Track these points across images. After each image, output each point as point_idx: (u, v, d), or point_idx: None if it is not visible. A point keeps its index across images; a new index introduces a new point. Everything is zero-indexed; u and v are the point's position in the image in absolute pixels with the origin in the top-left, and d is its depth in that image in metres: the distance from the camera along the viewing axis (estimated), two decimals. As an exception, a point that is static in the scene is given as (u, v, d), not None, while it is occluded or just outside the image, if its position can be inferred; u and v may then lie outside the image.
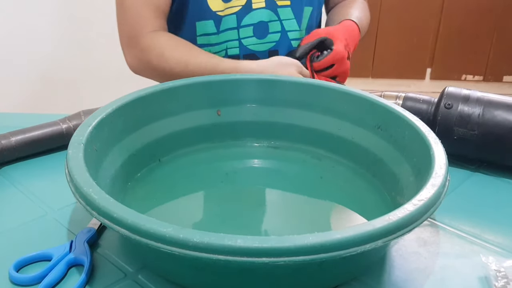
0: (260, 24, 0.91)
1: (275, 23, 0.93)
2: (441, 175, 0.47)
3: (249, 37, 0.92)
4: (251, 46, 0.92)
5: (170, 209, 0.59)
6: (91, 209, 0.43)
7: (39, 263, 0.49)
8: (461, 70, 2.64)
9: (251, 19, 0.90)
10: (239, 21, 0.90)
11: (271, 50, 0.94)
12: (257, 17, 0.91)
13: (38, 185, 0.62)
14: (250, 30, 0.91)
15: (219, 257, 0.37)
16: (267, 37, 0.93)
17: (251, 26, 0.91)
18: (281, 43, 0.94)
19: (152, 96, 0.63)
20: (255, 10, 0.90)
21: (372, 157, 0.62)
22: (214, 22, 0.88)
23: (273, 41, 0.93)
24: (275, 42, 0.94)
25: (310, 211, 0.59)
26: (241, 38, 0.91)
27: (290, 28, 0.94)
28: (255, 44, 0.92)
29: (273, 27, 0.93)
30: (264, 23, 0.91)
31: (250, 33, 0.91)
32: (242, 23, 0.90)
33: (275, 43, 0.94)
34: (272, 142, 0.70)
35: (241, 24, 0.90)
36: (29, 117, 0.80)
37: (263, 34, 0.92)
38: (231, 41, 0.91)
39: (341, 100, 0.66)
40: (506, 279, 0.47)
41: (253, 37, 0.92)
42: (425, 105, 0.70)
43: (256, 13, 0.90)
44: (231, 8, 0.89)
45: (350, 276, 0.48)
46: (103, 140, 0.56)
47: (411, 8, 2.48)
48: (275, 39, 0.93)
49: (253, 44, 0.92)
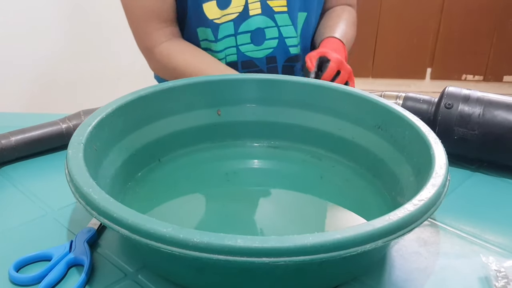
0: (257, 31, 0.91)
1: (272, 29, 0.92)
2: (441, 175, 0.47)
3: (246, 44, 0.92)
4: (248, 53, 0.92)
5: (170, 209, 0.59)
6: (91, 209, 0.43)
7: (39, 263, 0.49)
8: (461, 70, 2.64)
9: (248, 26, 0.90)
10: (236, 28, 0.90)
11: (269, 56, 0.94)
12: (254, 24, 0.91)
13: (38, 185, 0.62)
14: (248, 37, 0.91)
15: (219, 257, 0.37)
16: (264, 44, 0.93)
17: (248, 33, 0.91)
18: (278, 49, 0.94)
19: (152, 96, 0.63)
20: (252, 17, 0.90)
21: (372, 157, 0.62)
22: (211, 31, 0.89)
23: (270, 47, 0.93)
24: (272, 49, 0.94)
25: (310, 211, 0.59)
26: (238, 45, 0.91)
27: (287, 35, 0.94)
28: (253, 50, 0.92)
29: (270, 33, 0.93)
30: (261, 29, 0.91)
31: (247, 40, 0.91)
32: (239, 30, 0.90)
33: (272, 49, 0.94)
34: (272, 142, 0.70)
35: (238, 31, 0.90)
36: (29, 117, 0.80)
37: (260, 41, 0.92)
38: (229, 48, 0.91)
39: (341, 100, 0.66)
40: (506, 279, 0.47)
41: (251, 44, 0.92)
42: (425, 105, 0.70)
43: (253, 20, 0.90)
44: (228, 15, 0.89)
45: (350, 276, 0.48)
46: (103, 140, 0.56)
47: (411, 8, 2.48)
48: (273, 46, 0.93)
49: (250, 51, 0.92)
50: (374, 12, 2.49)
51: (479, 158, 0.69)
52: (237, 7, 0.89)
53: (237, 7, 0.89)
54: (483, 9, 2.49)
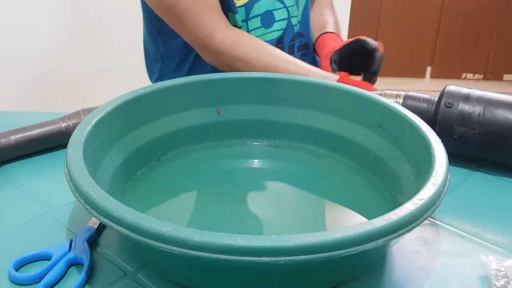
0: (266, 14, 0.91)
1: (281, 11, 0.92)
2: (441, 174, 0.47)
3: (257, 28, 0.91)
4: (260, 37, 0.92)
5: (169, 208, 0.58)
6: (91, 208, 0.43)
7: (38, 262, 0.49)
8: (462, 69, 2.64)
9: (258, 9, 0.90)
10: (248, 13, 0.90)
11: (278, 38, 0.93)
12: (263, 7, 0.90)
13: (38, 184, 0.62)
14: (258, 21, 0.91)
15: (219, 256, 0.37)
16: (274, 25, 0.92)
17: (258, 16, 0.91)
18: (287, 30, 0.94)
19: (152, 95, 0.63)
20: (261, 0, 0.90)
21: (372, 156, 0.62)
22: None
23: (280, 28, 0.93)
24: (282, 30, 0.93)
25: (310, 210, 0.59)
26: (250, 31, 0.91)
27: (293, 14, 0.94)
28: (263, 34, 0.92)
29: (279, 14, 0.92)
30: (270, 12, 0.91)
31: (258, 24, 0.91)
32: (250, 15, 0.90)
33: (282, 30, 0.93)
34: (272, 141, 0.70)
35: (249, 16, 0.90)
36: (29, 116, 0.79)
37: (270, 23, 0.92)
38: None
39: (341, 98, 0.66)
40: (507, 279, 0.47)
41: (261, 28, 0.91)
42: (426, 104, 0.70)
43: (261, 3, 0.90)
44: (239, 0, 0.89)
45: (351, 276, 0.48)
46: (102, 139, 0.55)
47: (411, 7, 2.48)
48: (283, 27, 0.93)
49: (261, 35, 0.92)
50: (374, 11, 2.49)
51: (479, 157, 0.69)
52: None
53: None
54: (483, 7, 2.49)
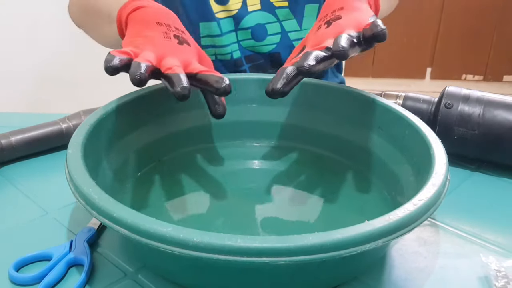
0: (257, 27, 0.91)
1: (274, 25, 0.92)
2: (441, 175, 0.47)
3: (247, 40, 0.91)
4: (250, 48, 0.92)
5: (170, 208, 0.58)
6: (91, 209, 0.43)
7: (39, 263, 0.49)
8: (461, 70, 2.64)
9: (248, 22, 0.90)
10: (236, 24, 0.90)
11: (272, 52, 0.93)
12: (254, 20, 0.90)
13: (38, 185, 0.62)
14: (248, 33, 0.91)
15: (219, 257, 0.37)
16: (266, 39, 0.92)
17: (249, 29, 0.91)
18: (281, 44, 0.93)
19: (152, 96, 0.63)
20: (251, 13, 0.90)
21: (372, 157, 0.62)
22: (217, 24, 0.88)
23: (273, 43, 0.93)
24: (275, 44, 0.93)
25: (310, 211, 0.59)
26: (239, 41, 0.91)
27: (290, 29, 0.93)
28: (255, 46, 0.92)
29: (272, 28, 0.92)
30: (262, 25, 0.91)
31: (248, 35, 0.91)
32: (240, 26, 0.90)
33: (275, 45, 0.93)
34: (272, 142, 0.70)
35: (238, 27, 0.90)
36: (29, 117, 0.80)
37: (262, 37, 0.92)
38: (232, 44, 0.91)
39: (341, 99, 0.66)
40: (507, 279, 0.47)
41: (251, 40, 0.91)
42: (425, 105, 0.70)
43: (252, 16, 0.90)
44: (227, 11, 0.89)
45: (350, 276, 0.48)
46: (103, 140, 0.55)
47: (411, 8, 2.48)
48: (276, 41, 0.93)
49: (251, 46, 0.92)
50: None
51: (479, 158, 0.69)
52: (236, 4, 0.89)
53: (236, 3, 0.89)
54: (483, 8, 2.49)
